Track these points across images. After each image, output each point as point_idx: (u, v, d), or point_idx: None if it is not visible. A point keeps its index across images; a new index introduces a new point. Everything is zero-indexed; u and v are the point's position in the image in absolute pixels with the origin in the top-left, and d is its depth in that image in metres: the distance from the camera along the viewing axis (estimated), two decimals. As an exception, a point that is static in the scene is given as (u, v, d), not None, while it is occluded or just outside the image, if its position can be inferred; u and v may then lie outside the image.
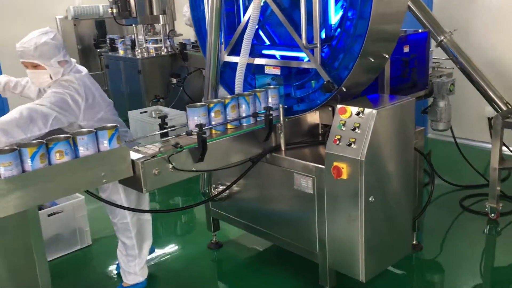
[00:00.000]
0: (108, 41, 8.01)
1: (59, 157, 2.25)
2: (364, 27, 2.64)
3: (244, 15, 3.26)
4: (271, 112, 2.90)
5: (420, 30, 4.11)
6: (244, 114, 2.90)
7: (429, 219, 4.11)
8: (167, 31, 6.96)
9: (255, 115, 2.94)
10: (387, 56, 2.90)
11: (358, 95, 3.24)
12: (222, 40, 3.37)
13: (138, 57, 6.83)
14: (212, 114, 2.78)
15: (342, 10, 2.85)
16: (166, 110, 6.42)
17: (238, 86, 3.27)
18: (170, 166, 2.54)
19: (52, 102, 2.67)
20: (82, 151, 2.33)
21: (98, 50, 8.39)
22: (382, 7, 2.64)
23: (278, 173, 3.04)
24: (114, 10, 6.80)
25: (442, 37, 4.20)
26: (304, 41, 2.80)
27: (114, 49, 7.70)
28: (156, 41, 7.00)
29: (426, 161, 3.29)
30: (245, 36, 3.10)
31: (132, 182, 2.53)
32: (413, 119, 2.87)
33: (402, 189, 2.90)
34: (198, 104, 2.81)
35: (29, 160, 2.17)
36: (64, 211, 3.74)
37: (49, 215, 3.65)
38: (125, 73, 7.09)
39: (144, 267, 3.27)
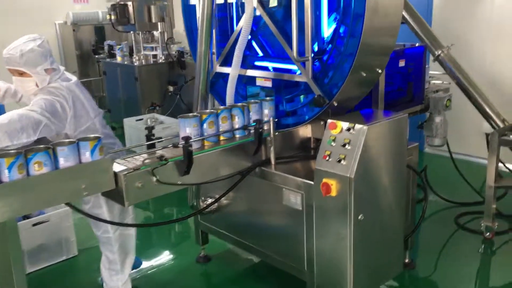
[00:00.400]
0: (106, 47, 7.99)
1: (37, 168, 2.18)
2: (356, 41, 2.58)
3: (237, 25, 3.21)
4: (261, 125, 2.83)
5: (417, 44, 4.06)
6: (235, 126, 2.84)
7: (423, 236, 4.05)
8: (165, 38, 6.93)
9: (245, 127, 2.88)
10: (380, 70, 2.83)
11: (351, 109, 3.19)
12: (214, 50, 3.32)
13: (135, 64, 6.80)
14: (206, 125, 2.72)
15: (335, 23, 2.80)
16: (162, 118, 6.36)
17: (230, 98, 3.20)
18: (154, 179, 2.48)
19: (42, 108, 2.59)
20: (63, 162, 2.26)
21: (97, 56, 8.36)
22: (376, 21, 2.58)
23: (267, 188, 2.97)
24: (113, 17, 6.79)
25: (440, 52, 4.14)
26: (294, 53, 2.74)
27: (112, 55, 7.68)
28: (153, 49, 6.96)
29: (420, 178, 3.22)
30: (237, 48, 3.05)
31: (114, 195, 2.46)
32: (406, 136, 2.80)
33: (394, 206, 2.83)
34: (190, 114, 2.76)
35: (6, 171, 2.10)
36: (50, 220, 3.67)
37: (33, 225, 3.58)
38: (122, 80, 7.05)
39: (126, 281, 3.18)
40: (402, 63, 3.66)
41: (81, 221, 4.08)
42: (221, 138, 2.83)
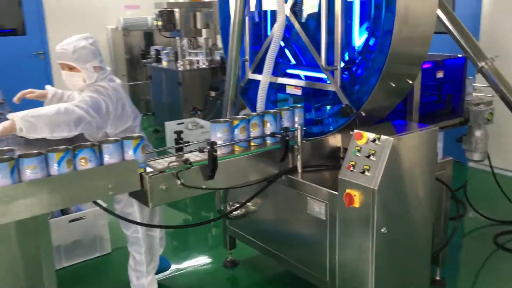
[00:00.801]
0: (154, 52, 8.22)
1: (83, 163, 2.28)
2: (385, 51, 2.54)
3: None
4: (288, 133, 2.84)
5: (459, 55, 3.94)
6: (266, 133, 2.86)
7: (459, 254, 3.91)
8: (209, 44, 7.06)
9: (272, 135, 2.89)
10: (410, 81, 2.77)
11: (384, 119, 3.14)
12: (247, 57, 3.36)
13: (179, 69, 6.96)
14: (237, 131, 2.76)
15: (367, 32, 2.77)
16: (202, 122, 6.49)
17: (260, 104, 3.23)
18: (179, 182, 2.53)
19: (88, 105, 2.70)
20: (107, 159, 2.36)
21: (144, 61, 8.62)
22: (405, 31, 2.54)
23: (292, 196, 2.97)
24: (160, 23, 6.99)
25: (483, 63, 3.99)
26: (323, 62, 2.73)
27: (159, 60, 7.89)
28: (197, 54, 7.10)
29: (452, 193, 3.12)
30: (268, 55, 3.07)
31: (139, 196, 2.54)
32: (435, 149, 2.72)
33: (420, 221, 2.75)
34: (222, 119, 2.80)
35: (55, 165, 2.21)
36: (86, 217, 3.81)
37: (70, 221, 3.73)
38: (166, 84, 7.23)
39: (152, 281, 3.26)
40: (440, 74, 3.56)
41: (115, 220, 4.21)
42: (251, 144, 2.85)
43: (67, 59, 2.83)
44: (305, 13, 2.93)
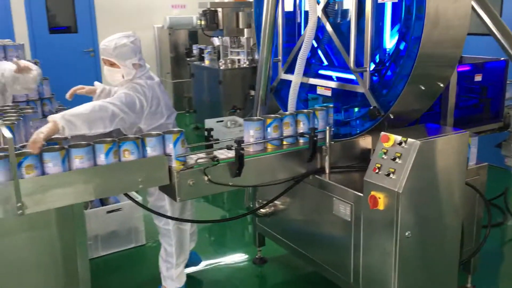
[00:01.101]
0: (197, 50, 8.39)
1: (127, 155, 2.42)
2: (414, 53, 2.52)
3: (303, 33, 3.26)
4: (316, 133, 2.86)
5: (502, 59, 3.82)
6: (299, 132, 2.89)
7: (496, 262, 3.79)
8: (251, 44, 7.14)
9: (300, 135, 2.92)
10: (441, 84, 2.73)
11: (416, 122, 3.10)
12: (280, 57, 3.40)
13: (221, 67, 7.07)
14: (270, 129, 2.81)
15: (398, 34, 2.75)
16: (241, 120, 6.57)
17: (291, 104, 3.27)
18: (206, 178, 2.60)
19: (123, 103, 2.80)
20: (150, 152, 2.48)
21: (188, 59, 8.81)
22: (436, 34, 2.50)
23: (319, 196, 2.99)
24: (203, 22, 7.13)
25: (527, 67, 3.85)
26: (352, 63, 2.73)
27: (202, 58, 8.04)
28: (239, 53, 7.19)
29: (483, 199, 3.04)
30: (299, 56, 3.10)
31: (168, 190, 2.63)
32: (465, 154, 2.66)
33: (448, 227, 2.70)
34: (255, 118, 2.86)
35: (103, 155, 2.35)
36: (122, 209, 3.97)
37: (108, 212, 3.90)
38: (208, 82, 7.37)
39: (181, 274, 3.36)
40: (478, 78, 3.48)
41: (150, 213, 4.36)
42: (284, 143, 2.88)
43: (108, 55, 2.96)
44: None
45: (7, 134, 2.20)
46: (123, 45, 2.94)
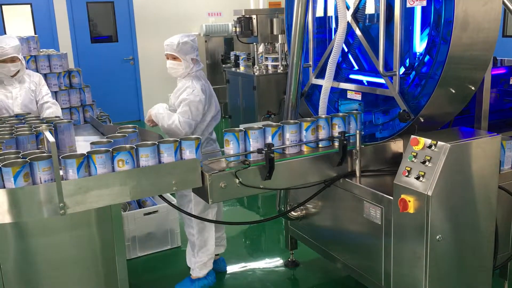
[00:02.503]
0: (233, 57, 8.53)
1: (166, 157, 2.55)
2: (444, 57, 2.52)
3: (334, 38, 3.30)
4: (345, 137, 2.88)
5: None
6: (321, 137, 2.94)
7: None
8: (285, 50, 7.20)
9: (330, 139, 2.96)
10: (473, 87, 2.71)
11: (449, 125, 3.09)
12: (311, 62, 3.45)
13: (255, 74, 7.16)
14: (307, 132, 2.87)
15: (428, 38, 2.75)
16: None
17: (322, 109, 3.30)
18: (237, 181, 2.68)
19: (191, 118, 3.29)
20: (188, 155, 2.59)
21: (224, 66, 8.96)
22: (465, 37, 2.50)
23: (350, 200, 3.01)
24: (238, 29, 7.25)
25: None
26: (381, 68, 2.75)
27: (237, 65, 8.17)
28: (273, 59, 7.27)
29: (518, 204, 2.99)
30: (330, 61, 3.14)
31: (201, 192, 2.72)
32: (498, 157, 2.63)
33: (480, 231, 2.67)
34: (292, 121, 2.92)
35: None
36: (159, 211, 4.09)
37: (145, 214, 4.03)
38: (242, 88, 7.47)
39: (204, 265, 3.53)
40: (514, 80, 3.42)
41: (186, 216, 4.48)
42: (306, 148, 2.93)
43: (172, 50, 3.34)
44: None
45: (51, 138, 2.34)
46: (184, 43, 3.33)
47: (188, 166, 2.61)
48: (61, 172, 2.33)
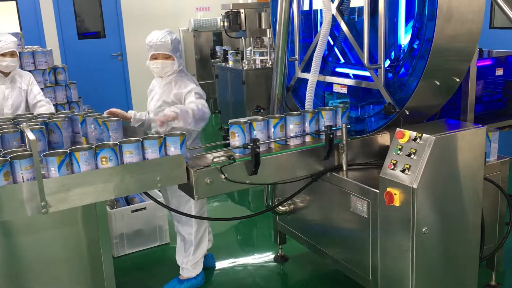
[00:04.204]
0: (222, 52, 8.48)
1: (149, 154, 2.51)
2: (428, 49, 2.51)
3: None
4: (332, 131, 2.87)
5: (527, 51, 3.75)
6: (307, 131, 2.92)
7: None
8: (273, 44, 7.16)
9: (317, 133, 2.94)
10: (457, 79, 2.70)
11: (435, 117, 3.09)
12: (297, 56, 3.43)
13: (244, 68, 7.13)
14: (294, 126, 2.87)
15: (412, 30, 2.74)
16: (264, 120, 6.60)
17: (309, 103, 3.29)
18: (223, 176, 2.66)
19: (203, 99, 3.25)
20: (172, 150, 2.57)
21: (213, 61, 8.91)
22: (449, 28, 2.49)
23: (336, 194, 3.00)
24: (226, 23, 7.20)
25: (553, 59, 3.76)
26: (365, 61, 2.74)
27: (226, 60, 8.13)
28: (262, 54, 7.24)
29: (504, 194, 2.99)
30: (315, 54, 3.12)
31: (186, 188, 2.70)
32: (483, 149, 2.63)
33: (466, 223, 2.68)
34: (277, 115, 2.90)
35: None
36: (147, 208, 4.07)
37: (132, 211, 4.00)
38: (231, 83, 7.44)
39: (197, 264, 3.49)
40: (499, 72, 3.42)
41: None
42: (291, 142, 2.91)
43: (167, 50, 3.19)
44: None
45: (31, 136, 2.30)
46: (175, 39, 3.24)
47: (173, 162, 2.58)
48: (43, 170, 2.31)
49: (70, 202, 2.36)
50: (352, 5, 3.03)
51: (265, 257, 3.98)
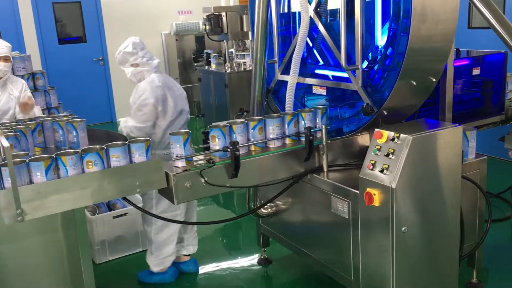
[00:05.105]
0: (204, 55, 8.46)
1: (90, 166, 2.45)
2: (404, 49, 2.53)
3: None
4: (311, 132, 2.88)
5: (502, 51, 3.79)
6: (287, 133, 2.92)
7: (504, 257, 3.75)
8: (256, 47, 7.17)
9: (297, 135, 2.95)
10: (433, 79, 2.73)
11: (414, 117, 3.11)
12: (276, 58, 3.43)
13: (227, 71, 7.12)
14: (274, 128, 2.87)
15: (388, 31, 2.76)
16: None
17: (288, 105, 3.29)
18: (203, 180, 2.64)
19: (138, 123, 3.40)
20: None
21: (196, 64, 8.89)
22: (424, 29, 2.51)
23: (317, 195, 3.00)
24: (207, 27, 7.19)
25: (528, 58, 3.82)
26: (343, 62, 2.75)
27: (209, 63, 8.11)
28: (244, 56, 7.23)
29: (482, 192, 3.03)
30: (294, 56, 3.13)
31: (166, 193, 2.68)
32: (460, 148, 2.66)
33: (445, 221, 2.70)
34: (256, 118, 2.90)
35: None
36: (128, 214, 4.03)
37: (114, 217, 3.96)
38: (214, 86, 7.42)
39: (160, 263, 3.58)
40: (476, 71, 3.46)
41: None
42: (271, 144, 2.91)
43: (132, 60, 3.43)
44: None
45: (5, 143, 2.26)
46: (120, 53, 3.44)
47: (152, 167, 2.56)
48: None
49: (46, 209, 2.33)
50: (329, 7, 3.04)
51: (250, 260, 3.96)
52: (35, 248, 2.89)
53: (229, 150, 2.71)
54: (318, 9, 3.04)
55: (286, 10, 3.46)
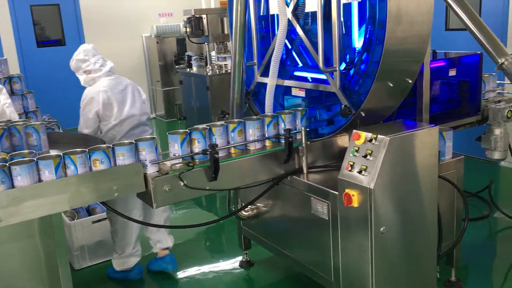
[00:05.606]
0: (186, 58, 8.43)
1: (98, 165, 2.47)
2: (380, 50, 2.55)
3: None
4: (291, 134, 2.88)
5: (478, 52, 3.85)
6: (267, 135, 2.93)
7: (481, 255, 3.81)
8: (237, 49, 7.16)
9: (276, 137, 2.95)
10: (410, 80, 2.76)
11: (392, 118, 3.14)
12: (255, 60, 3.44)
13: (208, 74, 7.10)
14: (254, 131, 2.88)
15: (365, 34, 2.78)
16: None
17: (268, 107, 3.30)
18: (182, 183, 2.63)
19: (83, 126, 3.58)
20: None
21: (177, 67, 8.84)
22: (399, 31, 2.54)
23: (297, 197, 3.01)
24: (188, 29, 7.16)
25: (503, 60, 3.87)
26: (321, 64, 2.76)
27: (191, 65, 8.07)
28: (225, 59, 7.22)
29: (459, 192, 3.07)
30: (272, 58, 3.13)
31: (145, 197, 2.66)
32: (436, 148, 2.69)
33: (423, 221, 2.73)
34: (236, 120, 2.90)
35: (72, 167, 2.42)
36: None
37: (93, 222, 3.91)
38: (196, 89, 7.40)
39: (122, 262, 3.68)
40: (452, 72, 3.51)
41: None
42: (251, 147, 2.91)
43: (83, 67, 3.57)
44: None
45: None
46: (73, 61, 3.60)
47: (130, 171, 2.54)
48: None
49: (22, 215, 2.30)
50: (307, 9, 3.05)
51: (232, 263, 3.95)
52: (12, 255, 2.83)
53: (208, 152, 2.70)
54: (296, 12, 3.06)
55: (264, 13, 3.46)
